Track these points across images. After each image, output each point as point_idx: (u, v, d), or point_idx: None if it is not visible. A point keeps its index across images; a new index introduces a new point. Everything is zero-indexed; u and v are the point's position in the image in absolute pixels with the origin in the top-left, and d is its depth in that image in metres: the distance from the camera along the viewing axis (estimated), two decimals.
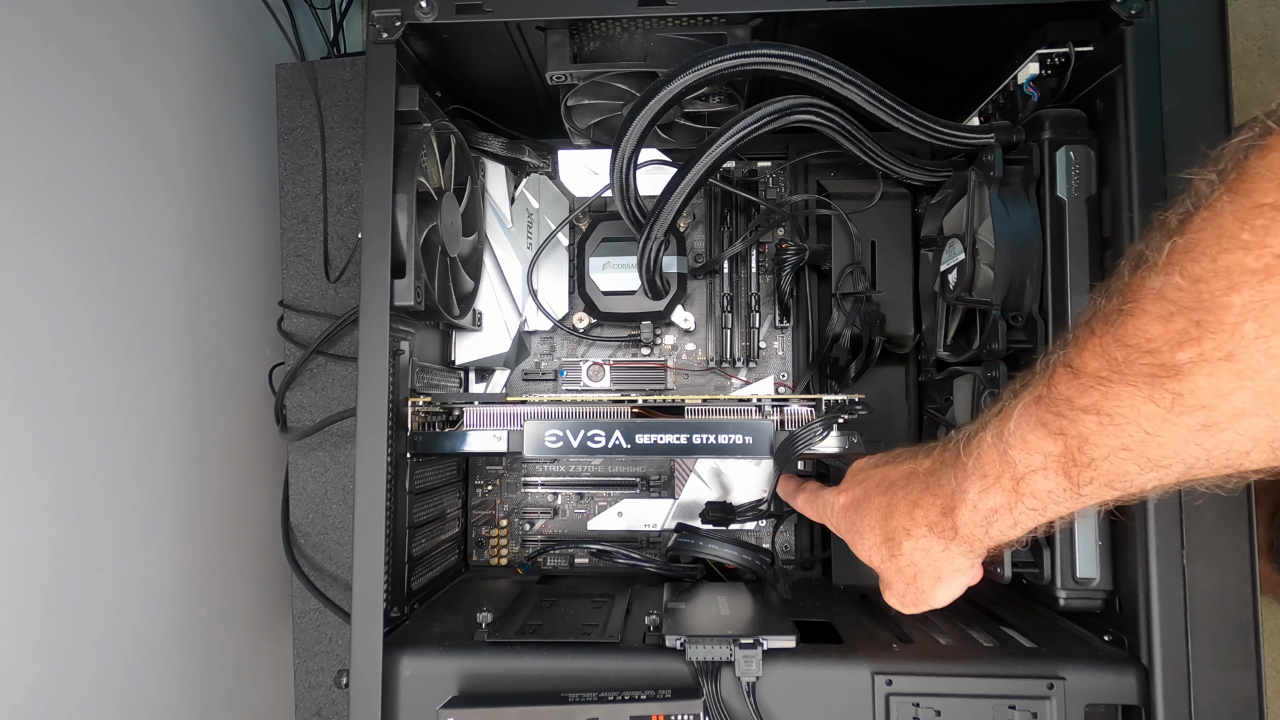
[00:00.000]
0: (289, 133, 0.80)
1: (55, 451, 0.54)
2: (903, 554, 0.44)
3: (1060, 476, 0.36)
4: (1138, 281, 0.31)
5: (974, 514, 0.40)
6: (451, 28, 0.55)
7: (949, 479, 0.41)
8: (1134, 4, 0.49)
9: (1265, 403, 0.29)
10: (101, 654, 0.58)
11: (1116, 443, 0.33)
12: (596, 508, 0.75)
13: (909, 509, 0.44)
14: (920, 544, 0.43)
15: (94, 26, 0.59)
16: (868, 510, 0.47)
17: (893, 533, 0.45)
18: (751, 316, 0.73)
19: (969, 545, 0.42)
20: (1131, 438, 0.32)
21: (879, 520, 0.46)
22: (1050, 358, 0.36)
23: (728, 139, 0.53)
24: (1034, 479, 0.37)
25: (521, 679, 0.49)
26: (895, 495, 0.45)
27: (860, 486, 0.49)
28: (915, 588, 0.46)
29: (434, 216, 0.60)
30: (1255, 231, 0.27)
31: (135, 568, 0.62)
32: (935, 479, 0.43)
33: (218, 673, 0.72)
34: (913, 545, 0.44)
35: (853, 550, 0.49)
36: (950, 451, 0.42)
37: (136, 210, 0.63)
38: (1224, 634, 0.46)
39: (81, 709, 0.55)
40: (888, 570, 0.46)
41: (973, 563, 0.44)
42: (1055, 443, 0.35)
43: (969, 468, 0.40)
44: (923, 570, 0.44)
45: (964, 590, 0.46)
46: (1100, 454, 0.34)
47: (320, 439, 0.77)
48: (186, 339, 0.69)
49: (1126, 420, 0.32)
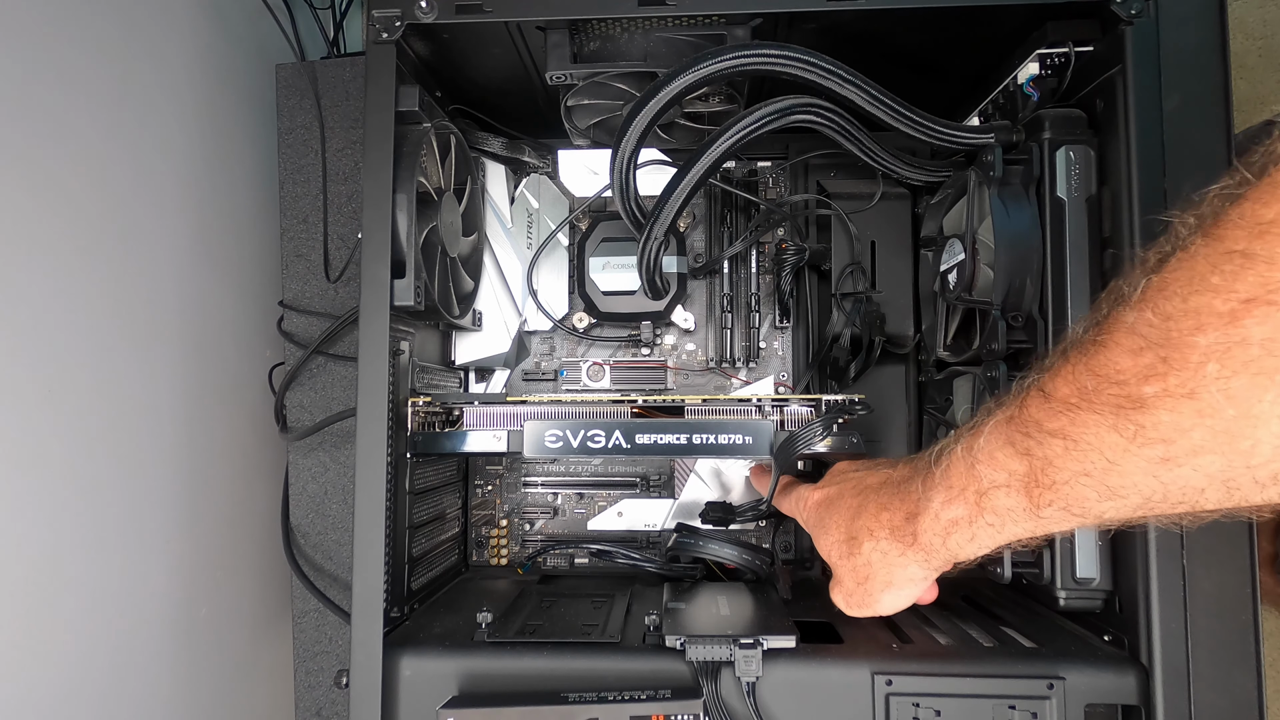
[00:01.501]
0: (289, 133, 0.80)
1: (54, 451, 0.54)
2: (860, 553, 0.46)
3: (1022, 495, 0.37)
4: (1114, 315, 0.33)
5: (935, 523, 0.41)
6: (451, 28, 0.55)
7: (917, 487, 0.43)
8: (1134, 4, 0.49)
9: (1221, 441, 0.30)
10: (101, 653, 0.58)
11: (1079, 468, 0.34)
12: (596, 508, 0.75)
13: (876, 511, 0.45)
14: (879, 546, 0.45)
15: (94, 28, 0.59)
16: (838, 508, 0.49)
17: (856, 532, 0.47)
18: (751, 316, 0.73)
19: (925, 554, 0.43)
20: (1094, 464, 0.33)
21: (846, 519, 0.48)
22: (1025, 381, 0.37)
23: (728, 139, 0.52)
24: (997, 495, 0.38)
25: (521, 679, 0.49)
26: (867, 498, 0.47)
27: (837, 486, 0.51)
28: (864, 589, 0.47)
29: (434, 216, 0.60)
30: (1224, 276, 0.28)
31: (135, 567, 0.62)
32: (905, 487, 0.44)
33: (218, 673, 0.72)
34: (872, 546, 0.45)
35: (815, 544, 0.51)
36: (923, 462, 0.43)
37: (136, 210, 0.63)
38: (1224, 634, 0.46)
39: (81, 708, 0.55)
40: (843, 568, 0.48)
41: (926, 574, 0.45)
42: (1021, 462, 0.36)
43: (936, 478, 0.41)
44: (875, 573, 0.46)
45: (909, 604, 0.48)
46: (1062, 477, 0.35)
47: (320, 439, 0.77)
48: (187, 339, 0.69)
49: (1090, 447, 0.33)
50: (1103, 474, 0.33)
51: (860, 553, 0.46)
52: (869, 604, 0.48)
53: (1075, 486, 0.34)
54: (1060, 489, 0.35)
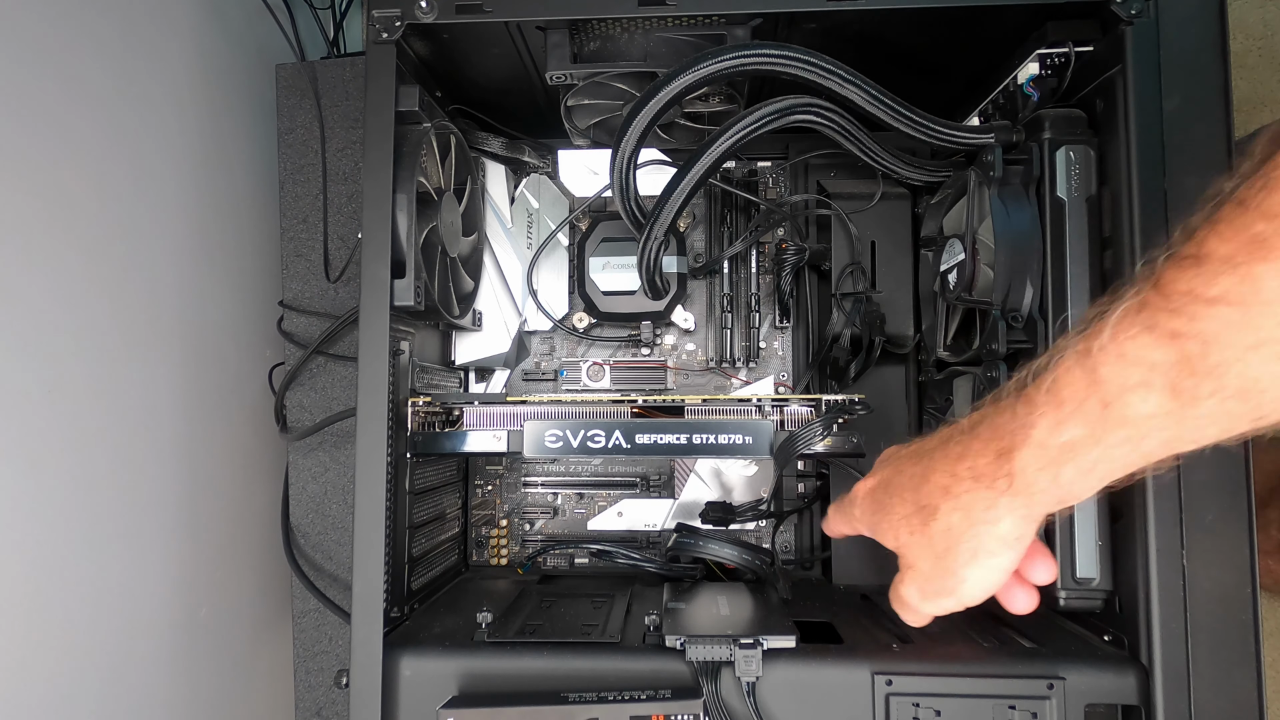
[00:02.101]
0: (289, 133, 0.80)
1: (54, 451, 0.54)
2: (936, 519, 0.38)
3: (1166, 395, 0.30)
4: (1277, 158, 0.28)
5: (1040, 453, 0.34)
6: (451, 28, 0.55)
7: (1006, 420, 0.35)
8: (1134, 4, 0.49)
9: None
10: (101, 653, 0.58)
11: (1252, 338, 0.28)
12: (596, 508, 0.75)
13: (950, 465, 0.38)
14: (961, 503, 0.37)
15: (93, 28, 0.59)
16: (897, 484, 0.42)
17: (927, 498, 0.38)
18: (751, 316, 0.73)
19: (1025, 499, 0.35)
20: (1272, 330, 0.28)
21: (911, 488, 0.40)
22: (1151, 265, 0.31)
23: (728, 139, 0.52)
24: (1130, 400, 0.31)
25: (521, 679, 0.49)
26: (933, 459, 0.39)
27: (889, 466, 0.44)
28: (945, 566, 0.39)
29: (434, 216, 0.60)
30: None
31: (135, 567, 0.62)
32: (986, 426, 0.37)
33: (218, 673, 0.72)
34: (951, 506, 0.37)
35: (876, 537, 0.43)
36: (1006, 396, 0.36)
37: (136, 210, 0.63)
38: (1224, 634, 0.46)
39: (81, 708, 0.55)
40: (914, 546, 0.40)
41: (1023, 532, 0.37)
42: (1167, 349, 0.30)
43: (1038, 399, 0.34)
44: (959, 540, 0.37)
45: (1001, 581, 0.39)
46: (1230, 355, 0.29)
47: (320, 439, 0.77)
48: (187, 339, 0.69)
49: (1268, 305, 0.27)
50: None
51: (936, 519, 0.38)
52: (951, 586, 0.39)
53: (1248, 365, 0.29)
54: (1226, 371, 0.29)
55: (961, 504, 0.37)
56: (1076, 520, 0.51)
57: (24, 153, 0.52)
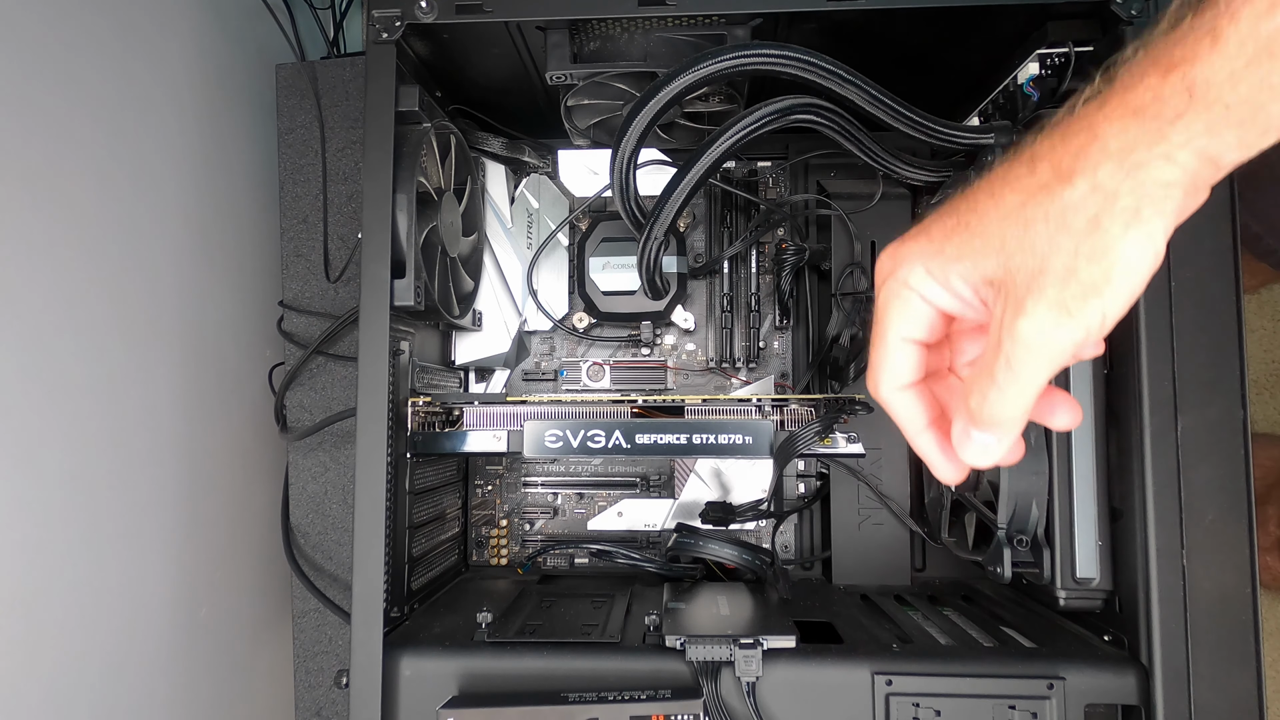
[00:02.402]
0: (289, 133, 0.80)
1: (54, 451, 0.54)
2: (1073, 187, 0.28)
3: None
4: None
5: (1237, 52, 0.26)
6: (451, 28, 0.55)
7: (1173, 43, 0.27)
8: (1134, 4, 0.49)
9: None
10: (101, 653, 0.58)
11: None
12: (596, 508, 0.75)
13: (1088, 124, 0.29)
14: (1111, 148, 0.28)
15: (92, 28, 0.59)
16: (983, 193, 0.32)
17: (1050, 172, 0.29)
18: (751, 316, 0.73)
19: (1207, 121, 0.27)
20: None
21: (1014, 180, 0.30)
22: None
23: (728, 139, 0.52)
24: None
25: (521, 679, 0.49)
26: (1038, 147, 0.30)
27: (940, 211, 0.34)
28: (1090, 247, 0.28)
29: (434, 216, 0.60)
30: None
31: (135, 567, 0.62)
32: (1135, 68, 0.28)
33: (218, 673, 0.72)
34: (1096, 160, 0.28)
35: (953, 272, 0.32)
36: (1155, 36, 0.28)
37: (136, 210, 0.63)
38: (1224, 634, 0.46)
39: (81, 708, 0.55)
40: (1035, 241, 0.29)
41: (1194, 173, 0.27)
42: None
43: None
44: (1111, 199, 0.28)
45: (1156, 263, 0.28)
46: None
47: (320, 439, 0.77)
48: (187, 339, 0.69)
49: None
50: None
51: (1072, 186, 0.28)
52: (1101, 274, 0.28)
53: None
54: None
55: (1112, 150, 0.28)
56: (1076, 520, 0.51)
57: (24, 153, 0.52)
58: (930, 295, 0.34)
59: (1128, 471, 0.49)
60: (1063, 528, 0.51)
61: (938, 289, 0.34)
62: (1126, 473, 0.49)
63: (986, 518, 0.55)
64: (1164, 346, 0.48)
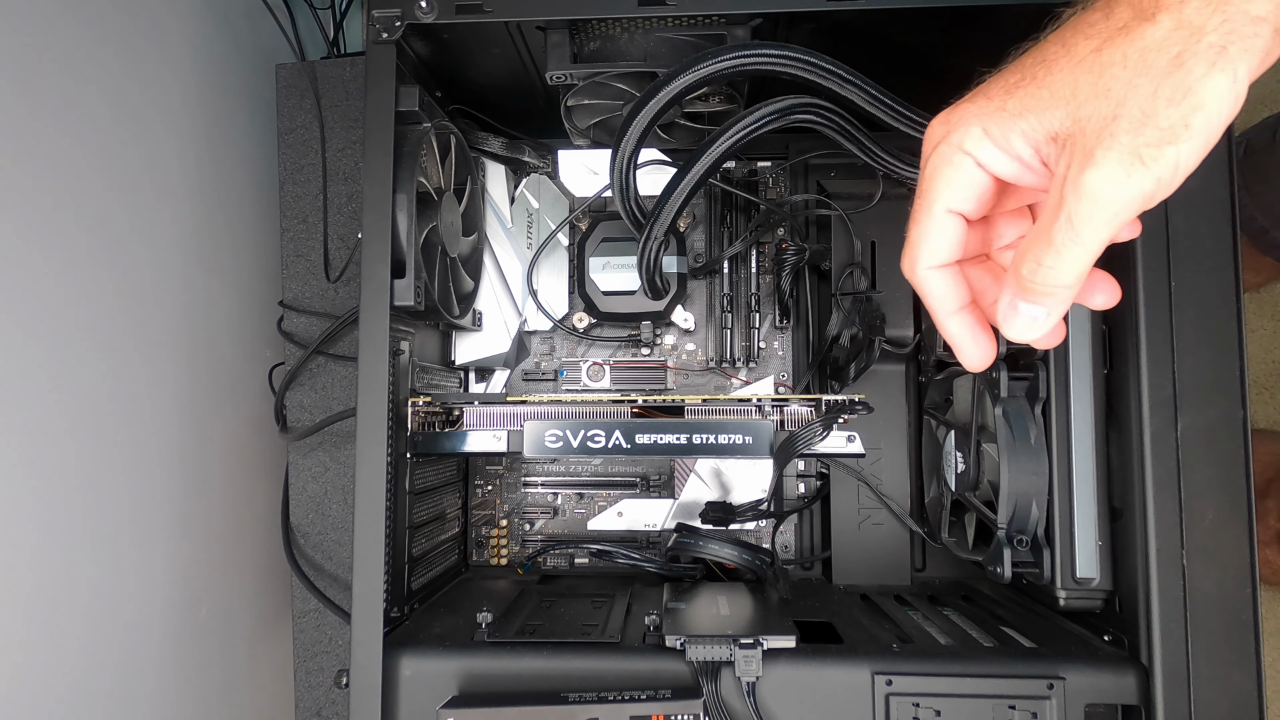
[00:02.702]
0: (289, 133, 0.80)
1: (54, 451, 0.54)
2: (1155, 24, 0.27)
3: None
4: None
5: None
6: (451, 28, 0.55)
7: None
8: None
9: None
10: (100, 653, 0.58)
11: None
12: (596, 508, 0.75)
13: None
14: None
15: (92, 28, 0.59)
16: (1052, 40, 0.31)
17: (1128, 11, 0.28)
18: (751, 316, 0.73)
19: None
20: None
21: (1087, 26, 0.29)
22: None
23: (728, 139, 0.52)
24: None
25: (521, 679, 0.49)
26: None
27: (1003, 69, 0.33)
28: (1170, 87, 0.27)
29: (434, 216, 0.60)
30: None
31: (135, 567, 0.62)
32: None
33: (218, 673, 0.72)
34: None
35: (1024, 122, 0.30)
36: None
37: (136, 210, 0.63)
38: (1224, 634, 0.46)
39: (81, 708, 0.55)
40: (1113, 85, 0.28)
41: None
42: None
43: None
44: (1197, 35, 0.27)
45: (1247, 85, 0.27)
46: None
47: (320, 439, 0.77)
48: (186, 339, 0.69)
49: None
50: None
51: (1155, 24, 0.27)
52: (1182, 119, 0.27)
53: None
54: None
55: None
56: (1076, 520, 0.51)
57: (23, 153, 0.52)
58: (986, 159, 0.32)
59: (1128, 471, 0.49)
60: (1063, 528, 0.51)
61: (995, 152, 0.32)
62: (1126, 473, 0.49)
63: (986, 518, 0.55)
64: (1164, 346, 0.48)
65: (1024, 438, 0.52)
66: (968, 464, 0.58)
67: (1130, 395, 0.49)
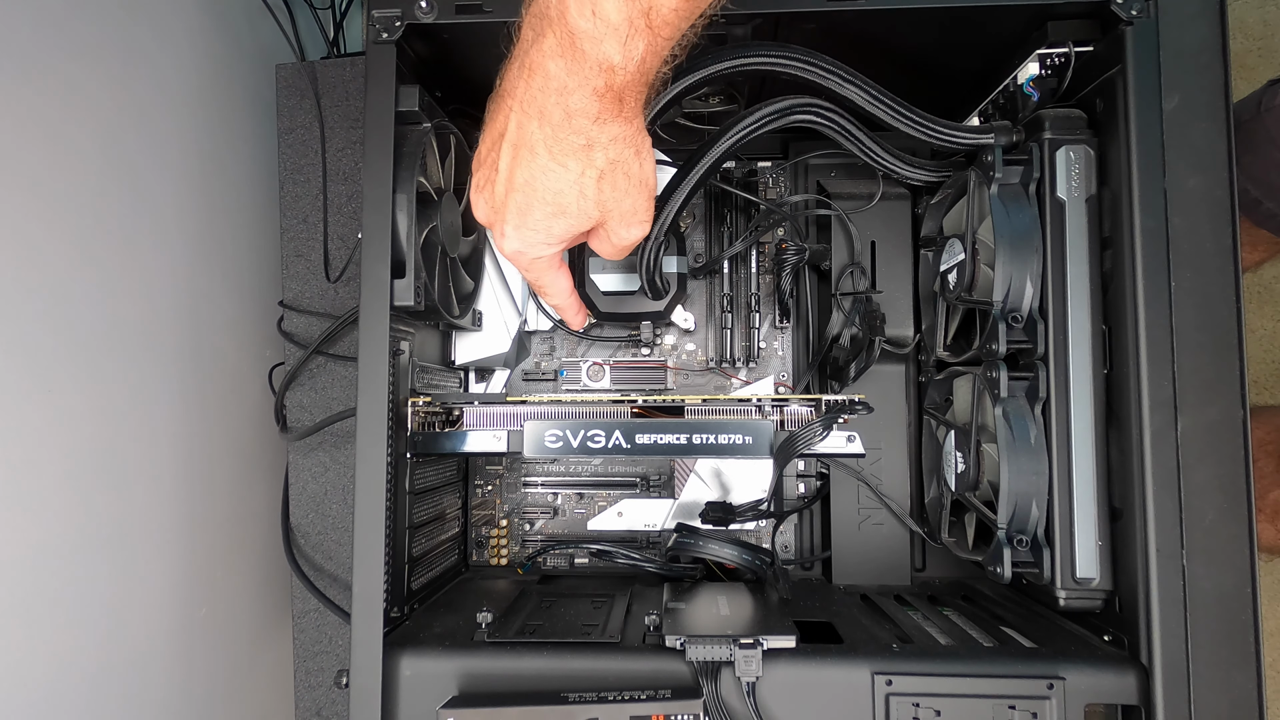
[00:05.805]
0: (289, 133, 0.80)
1: (54, 451, 0.54)
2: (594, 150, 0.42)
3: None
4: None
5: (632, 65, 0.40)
6: (451, 28, 0.55)
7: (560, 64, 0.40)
8: (1134, 4, 0.49)
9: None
10: (101, 654, 0.58)
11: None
12: (596, 508, 0.75)
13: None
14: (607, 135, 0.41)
15: (92, 28, 0.59)
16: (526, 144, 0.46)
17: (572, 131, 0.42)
18: (751, 316, 0.73)
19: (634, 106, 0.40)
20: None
21: (548, 134, 0.43)
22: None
23: (727, 139, 0.52)
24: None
25: (521, 679, 0.49)
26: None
27: (497, 151, 0.46)
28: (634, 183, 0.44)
29: (434, 216, 0.60)
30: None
31: (135, 568, 0.62)
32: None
33: (218, 673, 0.72)
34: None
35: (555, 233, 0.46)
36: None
37: (136, 210, 0.63)
38: (1224, 634, 0.46)
39: (81, 708, 0.55)
40: (608, 183, 0.43)
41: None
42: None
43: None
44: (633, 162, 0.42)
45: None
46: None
47: (320, 439, 0.77)
48: (187, 339, 0.69)
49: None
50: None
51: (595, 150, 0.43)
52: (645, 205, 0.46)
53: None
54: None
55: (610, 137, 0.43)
56: (1076, 520, 0.51)
57: (23, 153, 0.52)
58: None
59: (1128, 471, 0.49)
60: (1063, 528, 0.51)
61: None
62: (1126, 473, 0.49)
63: (986, 518, 0.55)
64: (1164, 346, 0.48)
65: (1024, 438, 0.52)
66: (968, 464, 0.58)
67: (1130, 395, 0.49)
